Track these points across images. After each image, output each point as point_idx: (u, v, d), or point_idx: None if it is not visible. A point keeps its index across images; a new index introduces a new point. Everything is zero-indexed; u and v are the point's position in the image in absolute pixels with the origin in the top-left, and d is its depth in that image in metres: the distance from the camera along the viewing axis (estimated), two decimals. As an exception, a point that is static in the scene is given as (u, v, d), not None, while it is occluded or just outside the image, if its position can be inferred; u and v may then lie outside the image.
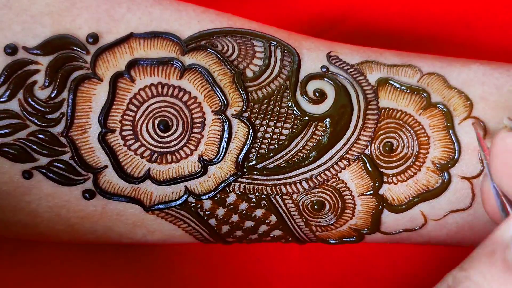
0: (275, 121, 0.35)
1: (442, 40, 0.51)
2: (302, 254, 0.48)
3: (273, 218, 0.36)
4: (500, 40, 0.51)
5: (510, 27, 0.51)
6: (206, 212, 0.35)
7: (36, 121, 0.33)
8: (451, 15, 0.51)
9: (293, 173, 0.35)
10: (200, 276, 0.47)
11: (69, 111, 0.33)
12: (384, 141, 0.35)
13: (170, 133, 0.34)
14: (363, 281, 0.48)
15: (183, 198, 0.35)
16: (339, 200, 0.36)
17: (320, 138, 0.35)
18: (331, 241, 0.37)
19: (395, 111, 0.35)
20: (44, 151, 0.33)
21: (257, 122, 0.35)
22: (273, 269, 0.48)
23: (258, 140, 0.35)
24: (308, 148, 0.35)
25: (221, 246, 0.39)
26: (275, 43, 0.36)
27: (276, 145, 0.35)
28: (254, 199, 0.35)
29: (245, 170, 0.35)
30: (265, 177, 0.35)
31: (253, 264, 0.47)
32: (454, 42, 0.51)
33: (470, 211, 0.35)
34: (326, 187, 0.35)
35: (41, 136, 0.33)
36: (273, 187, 0.35)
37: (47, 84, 0.33)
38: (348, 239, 0.37)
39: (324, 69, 0.36)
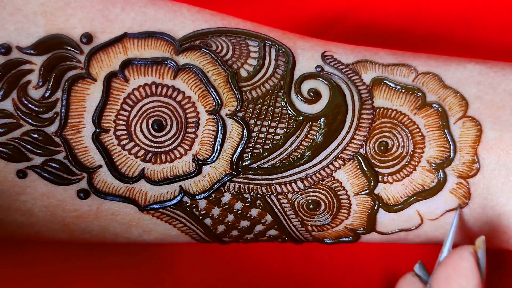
0: (269, 121, 0.35)
1: (442, 39, 0.51)
2: (302, 254, 0.48)
3: (268, 217, 0.36)
4: (500, 39, 0.51)
5: (510, 27, 0.51)
6: (202, 212, 0.35)
7: (30, 120, 0.33)
8: (451, 14, 0.51)
9: (288, 173, 0.35)
10: (199, 276, 0.47)
11: (63, 110, 0.33)
12: (379, 140, 0.35)
13: (164, 133, 0.34)
14: (363, 281, 0.48)
15: (178, 198, 0.35)
16: (335, 200, 0.35)
17: (315, 137, 0.35)
18: (327, 241, 0.37)
19: (390, 110, 0.35)
20: (38, 151, 0.33)
21: (252, 122, 0.35)
22: (273, 269, 0.47)
23: (253, 140, 0.35)
24: (303, 148, 0.35)
25: (220, 246, 0.39)
26: (269, 42, 0.36)
27: (270, 145, 0.35)
28: (249, 199, 0.35)
29: (239, 169, 0.35)
30: (260, 177, 0.35)
31: (253, 264, 0.47)
32: (454, 42, 0.51)
33: (466, 210, 0.35)
34: (322, 187, 0.35)
35: (35, 135, 0.33)
36: (268, 187, 0.35)
37: (41, 83, 0.33)
38: (344, 239, 0.37)
39: (318, 69, 0.36)
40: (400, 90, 0.36)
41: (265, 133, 0.35)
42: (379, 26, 0.52)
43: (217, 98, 0.34)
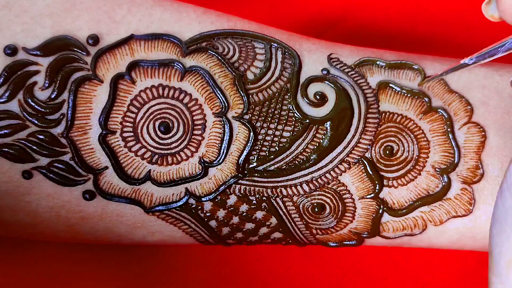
0: (276, 124, 0.35)
1: (442, 40, 0.51)
2: (302, 255, 0.48)
3: (273, 220, 0.36)
4: (500, 40, 0.51)
5: (510, 27, 0.51)
6: (207, 214, 0.35)
7: (36, 121, 0.33)
8: (451, 15, 0.51)
9: (294, 176, 0.35)
10: (200, 277, 0.47)
11: (69, 112, 0.33)
12: (385, 144, 0.35)
13: (170, 135, 0.34)
14: (363, 282, 0.48)
15: (184, 200, 0.35)
16: (340, 203, 0.36)
17: (321, 141, 0.35)
18: (331, 244, 0.37)
19: (396, 115, 0.35)
20: (44, 152, 0.33)
21: (258, 124, 0.35)
22: (273, 269, 0.48)
23: (259, 143, 0.35)
24: (309, 151, 0.35)
25: (221, 247, 0.39)
26: (276, 45, 0.36)
27: (277, 148, 0.35)
28: (254, 201, 0.35)
29: (245, 172, 0.35)
30: (265, 179, 0.35)
31: (253, 264, 0.47)
32: (454, 43, 0.51)
33: (471, 217, 0.35)
34: (327, 190, 0.35)
35: (41, 136, 0.33)
36: (273, 189, 0.35)
37: (47, 85, 0.33)
38: (348, 243, 0.37)
39: (324, 72, 0.36)
40: (406, 94, 0.36)
41: (272, 136, 0.35)
42: (379, 27, 0.52)
43: (224, 100, 0.34)
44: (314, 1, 0.52)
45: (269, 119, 0.35)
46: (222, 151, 0.34)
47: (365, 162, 0.35)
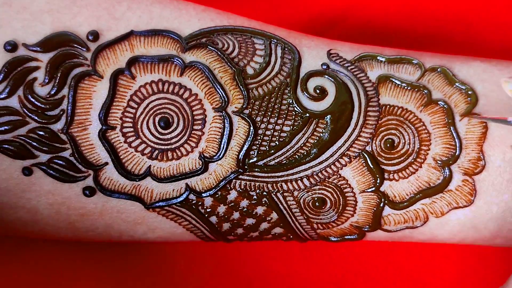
0: (276, 118, 0.35)
1: (442, 39, 0.51)
2: (302, 254, 0.48)
3: (274, 215, 0.36)
4: (500, 39, 0.51)
5: (510, 27, 0.51)
6: (207, 210, 0.35)
7: (36, 117, 0.33)
8: (451, 14, 0.51)
9: (294, 170, 0.35)
10: (200, 276, 0.47)
11: (69, 108, 0.33)
12: (385, 137, 0.35)
13: (170, 130, 0.34)
14: (363, 281, 0.48)
15: (184, 196, 0.35)
16: (340, 197, 0.35)
17: (321, 135, 0.35)
18: (332, 239, 0.37)
19: (396, 108, 0.35)
20: (44, 148, 0.33)
21: (258, 119, 0.35)
22: (273, 268, 0.47)
23: (259, 137, 0.35)
24: (309, 145, 0.35)
25: (221, 245, 0.39)
26: (275, 40, 0.36)
27: (277, 142, 0.35)
28: (255, 196, 0.35)
29: (246, 167, 0.35)
30: (266, 174, 0.35)
31: (253, 263, 0.47)
32: (454, 42, 0.51)
33: (472, 208, 0.35)
34: (327, 184, 0.35)
35: (41, 132, 0.33)
36: (274, 184, 0.35)
37: (47, 81, 0.33)
38: (349, 237, 0.37)
39: (324, 66, 0.36)
40: (406, 87, 0.36)
41: (272, 130, 0.35)
42: (379, 26, 0.52)
43: (224, 95, 0.34)
44: (314, 1, 0.52)
45: (269, 113, 0.35)
46: (222, 146, 0.34)
47: (366, 156, 0.35)
